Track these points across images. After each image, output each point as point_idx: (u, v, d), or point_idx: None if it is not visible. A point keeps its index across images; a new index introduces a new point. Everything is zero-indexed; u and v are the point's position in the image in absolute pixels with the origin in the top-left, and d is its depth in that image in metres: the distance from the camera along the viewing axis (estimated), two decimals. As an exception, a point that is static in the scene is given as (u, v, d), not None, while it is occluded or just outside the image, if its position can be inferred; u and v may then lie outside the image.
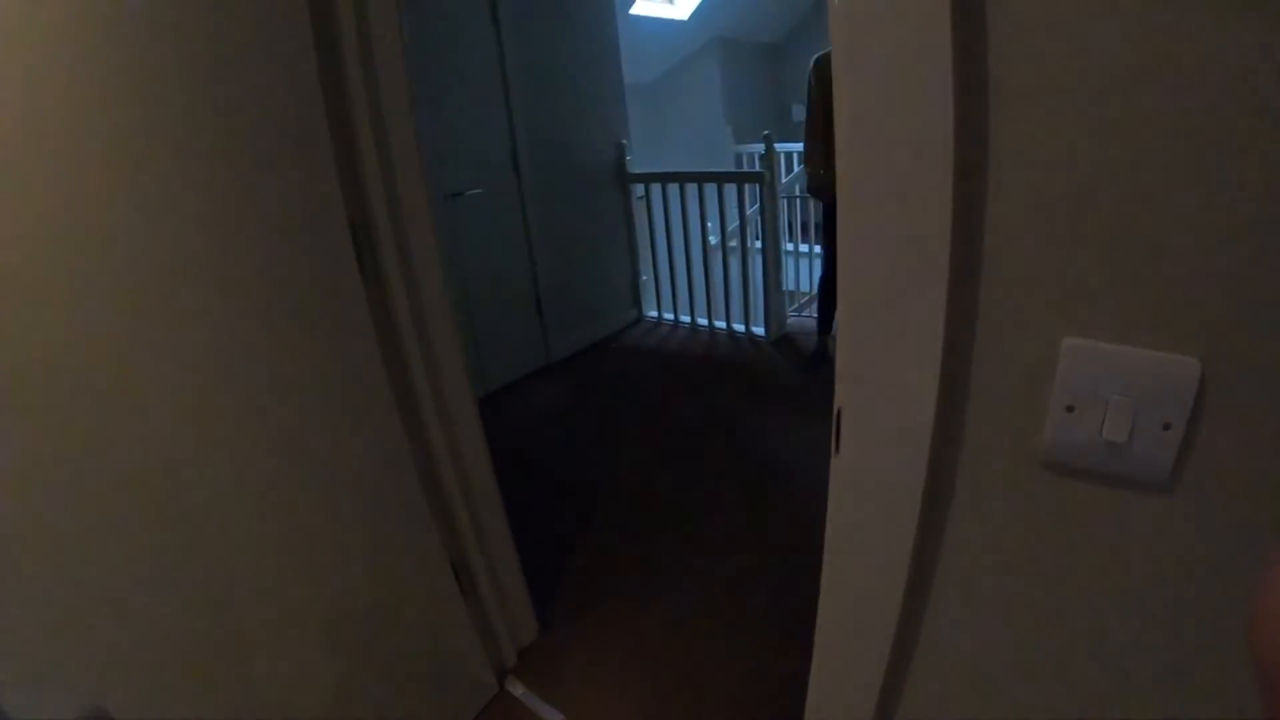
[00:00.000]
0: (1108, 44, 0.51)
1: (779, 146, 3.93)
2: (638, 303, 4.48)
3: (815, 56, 2.96)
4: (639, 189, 4.24)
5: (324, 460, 1.36)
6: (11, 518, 0.98)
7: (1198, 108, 0.49)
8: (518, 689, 1.85)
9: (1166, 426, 0.57)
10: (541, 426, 3.30)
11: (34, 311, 0.96)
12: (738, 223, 3.97)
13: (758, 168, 3.80)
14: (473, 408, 1.71)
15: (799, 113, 6.54)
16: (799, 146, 4.24)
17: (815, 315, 3.76)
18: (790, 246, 4.77)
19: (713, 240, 4.46)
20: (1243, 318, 0.52)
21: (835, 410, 0.76)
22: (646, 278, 4.44)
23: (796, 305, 4.53)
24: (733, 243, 4.28)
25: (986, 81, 0.56)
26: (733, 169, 5.79)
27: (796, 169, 4.45)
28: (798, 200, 4.76)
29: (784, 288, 4.12)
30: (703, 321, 4.34)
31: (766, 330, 4.05)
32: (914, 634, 0.83)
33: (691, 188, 4.03)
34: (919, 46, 0.56)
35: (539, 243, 3.74)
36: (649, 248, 4.34)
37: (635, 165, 4.19)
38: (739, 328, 4.17)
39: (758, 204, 3.79)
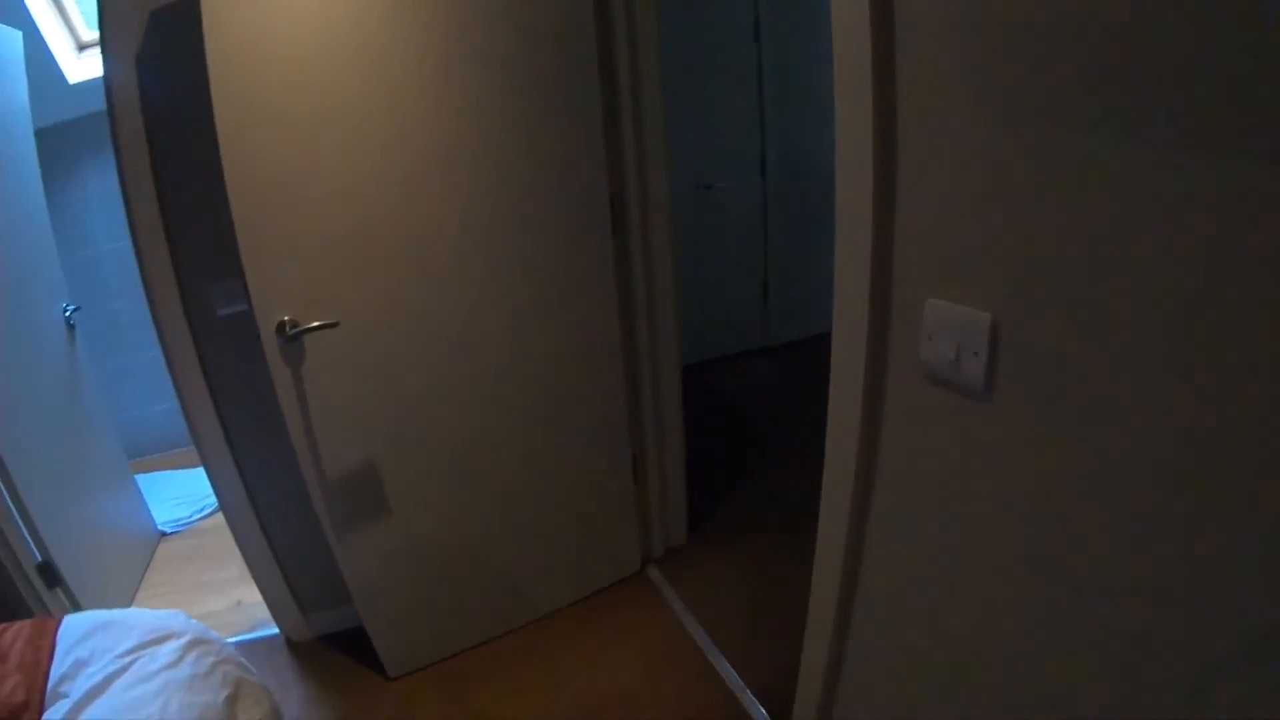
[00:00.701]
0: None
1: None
2: (862, 308, 4.72)
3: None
4: (878, 202, 4.47)
5: (568, 351, 2.00)
6: (369, 341, 1.67)
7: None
8: (654, 573, 2.34)
9: (975, 354, 0.90)
10: (747, 392, 3.75)
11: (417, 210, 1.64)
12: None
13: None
14: (676, 343, 2.23)
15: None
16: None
17: None
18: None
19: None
20: (1018, 291, 0.84)
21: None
22: (874, 285, 4.66)
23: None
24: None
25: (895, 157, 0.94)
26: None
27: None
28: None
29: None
30: (922, 335, 4.48)
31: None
32: (866, 510, 1.19)
33: (930, 205, 4.19)
34: (854, 103, 0.95)
35: (774, 238, 4.16)
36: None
37: (879, 180, 4.43)
38: (956, 345, 4.26)
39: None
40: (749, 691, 1.89)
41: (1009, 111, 0.79)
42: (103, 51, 1.64)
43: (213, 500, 2.99)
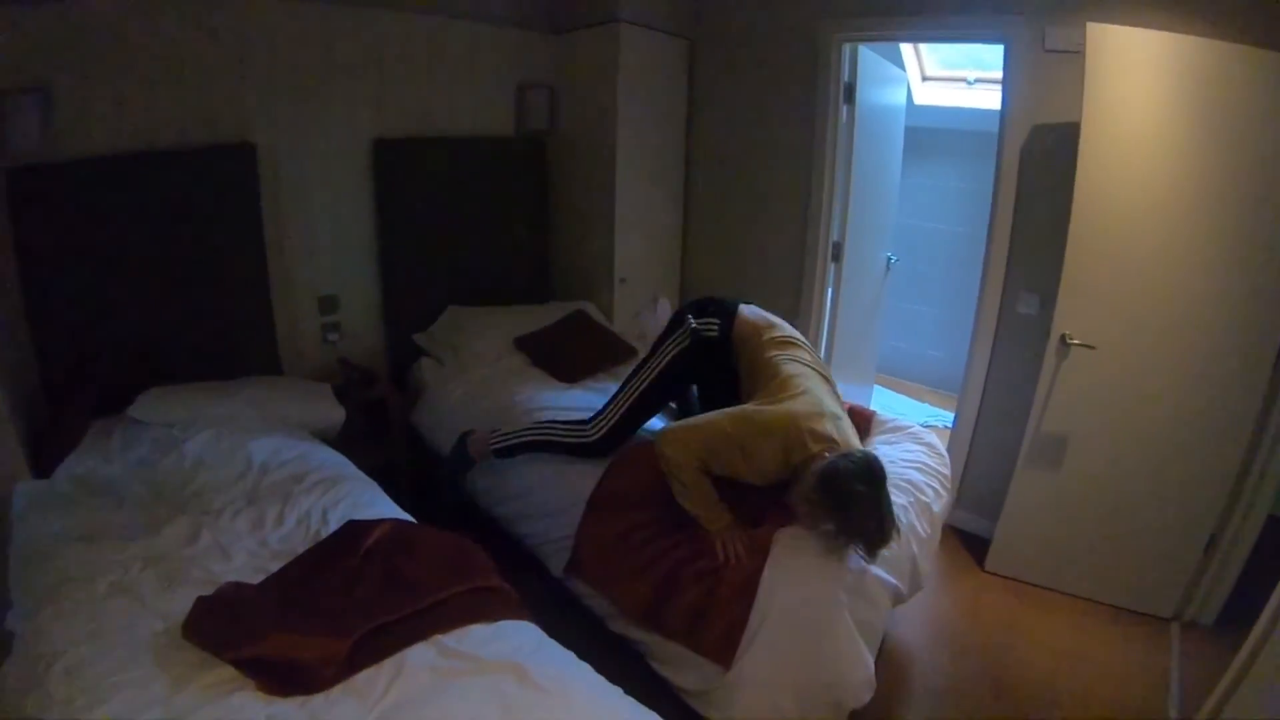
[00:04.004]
0: None
1: None
2: None
3: None
4: None
5: (1205, 437, 2.80)
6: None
7: None
8: (1174, 628, 2.93)
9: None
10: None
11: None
12: None
13: None
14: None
15: None
16: None
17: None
18: None
19: None
20: None
21: None
22: None
23: None
24: None
25: None
26: None
27: None
28: None
29: None
30: None
31: None
32: None
33: None
34: None
35: None
36: None
37: None
38: None
39: None
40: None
41: None
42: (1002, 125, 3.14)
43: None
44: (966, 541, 3.54)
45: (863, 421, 2.95)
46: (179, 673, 1.53)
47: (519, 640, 1.76)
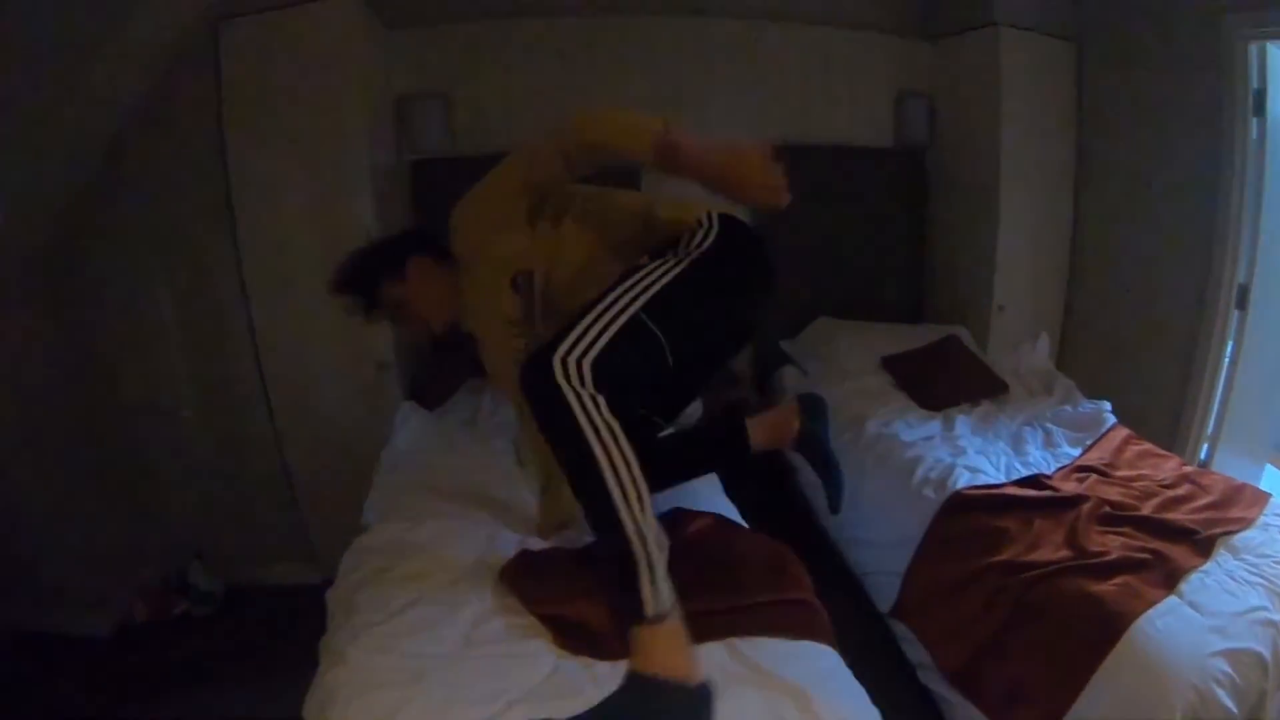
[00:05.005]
0: None
1: None
2: None
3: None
4: None
5: None
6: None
7: None
8: None
9: None
10: None
11: None
12: None
13: None
14: None
15: None
16: None
17: None
18: None
19: None
20: None
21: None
22: None
23: None
24: None
25: None
26: None
27: None
28: None
29: None
30: None
31: None
32: None
33: None
34: None
35: None
36: None
37: None
38: None
39: None
40: None
41: None
42: None
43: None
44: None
45: (1257, 502, 2.30)
46: (498, 603, 1.69)
47: (814, 665, 1.59)
